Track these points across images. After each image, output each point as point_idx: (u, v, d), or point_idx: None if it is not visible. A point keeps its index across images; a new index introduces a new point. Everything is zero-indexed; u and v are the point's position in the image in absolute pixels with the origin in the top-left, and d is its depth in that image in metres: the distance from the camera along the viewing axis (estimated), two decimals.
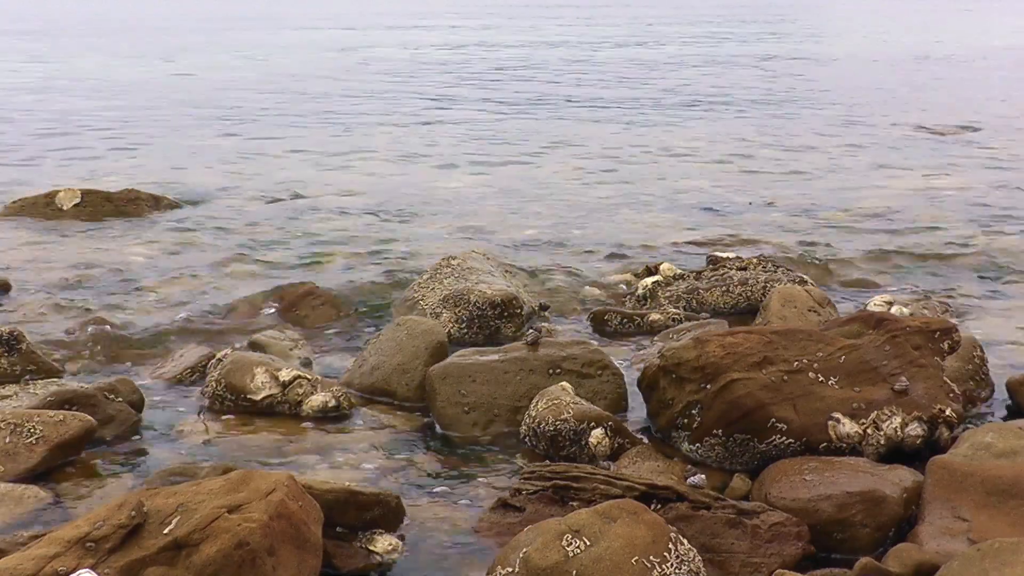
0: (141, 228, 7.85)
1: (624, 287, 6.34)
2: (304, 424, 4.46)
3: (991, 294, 6.38)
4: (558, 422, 4.11)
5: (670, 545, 3.01)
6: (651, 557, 2.96)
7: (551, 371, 4.55)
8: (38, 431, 3.97)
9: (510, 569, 2.99)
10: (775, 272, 6.06)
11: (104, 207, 8.30)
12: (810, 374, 4.00)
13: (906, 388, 4.01)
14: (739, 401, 3.90)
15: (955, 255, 7.17)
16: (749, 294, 5.94)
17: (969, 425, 4.19)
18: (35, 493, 3.73)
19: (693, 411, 4.02)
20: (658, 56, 23.20)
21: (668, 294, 6.00)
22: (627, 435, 4.14)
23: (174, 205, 8.56)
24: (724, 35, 29.82)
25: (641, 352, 5.25)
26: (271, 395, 4.57)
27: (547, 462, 3.97)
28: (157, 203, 8.53)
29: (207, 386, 4.70)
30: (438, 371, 4.59)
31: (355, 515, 3.36)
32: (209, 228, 7.86)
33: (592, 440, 4.07)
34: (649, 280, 6.14)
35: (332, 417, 4.50)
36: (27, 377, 4.80)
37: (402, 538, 3.42)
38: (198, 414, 4.57)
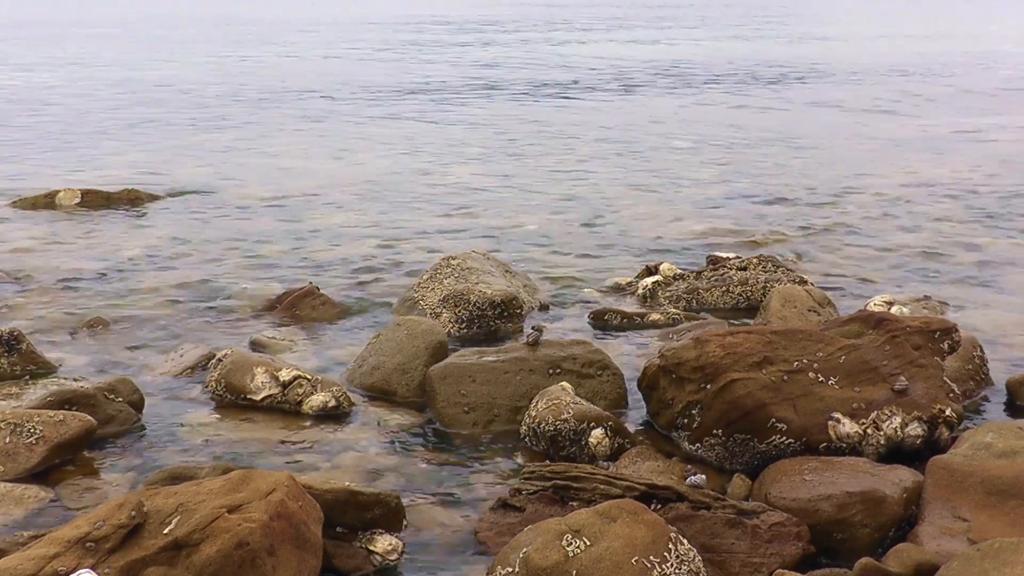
0: (141, 227, 7.85)
1: (624, 287, 6.34)
2: (304, 424, 4.45)
3: (991, 294, 6.38)
4: (558, 422, 4.11)
5: (670, 545, 3.01)
6: (651, 557, 2.96)
7: (551, 371, 4.55)
8: (38, 431, 3.96)
9: (510, 569, 2.99)
10: (775, 272, 6.06)
11: (104, 206, 8.34)
12: (810, 374, 4.00)
13: (906, 388, 4.00)
14: (739, 401, 3.90)
15: (956, 254, 7.17)
16: (749, 294, 5.95)
17: (969, 425, 4.19)
18: (35, 493, 3.73)
19: (693, 411, 4.02)
20: (662, 56, 23.20)
21: (668, 294, 6.00)
22: (627, 435, 4.14)
23: (173, 205, 8.56)
24: (730, 36, 29.81)
25: (641, 352, 5.25)
26: (271, 395, 4.56)
27: (547, 462, 3.96)
28: (156, 202, 8.54)
29: (207, 385, 4.70)
30: (438, 371, 4.58)
31: (355, 515, 3.36)
32: (209, 227, 7.86)
33: (592, 440, 4.07)
34: (649, 280, 6.14)
35: (332, 417, 4.50)
36: (27, 377, 4.80)
37: (402, 538, 3.42)
38: (198, 414, 4.56)
